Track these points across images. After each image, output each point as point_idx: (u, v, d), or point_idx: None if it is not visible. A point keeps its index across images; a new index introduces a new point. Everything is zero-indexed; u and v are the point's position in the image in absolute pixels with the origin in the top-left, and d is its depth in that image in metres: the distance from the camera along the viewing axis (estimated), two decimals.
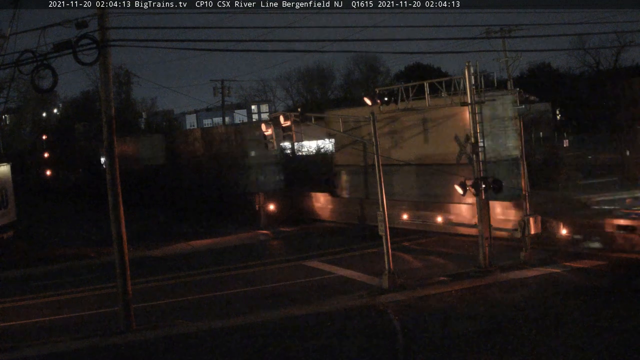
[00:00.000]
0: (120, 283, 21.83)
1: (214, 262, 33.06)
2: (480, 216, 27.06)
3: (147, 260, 35.02)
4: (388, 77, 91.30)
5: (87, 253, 37.53)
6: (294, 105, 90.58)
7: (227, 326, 21.62)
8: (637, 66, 72.27)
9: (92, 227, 45.56)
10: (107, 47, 21.04)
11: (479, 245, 26.73)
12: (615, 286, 23.01)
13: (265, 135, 27.55)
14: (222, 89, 74.09)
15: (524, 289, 23.37)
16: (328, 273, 28.66)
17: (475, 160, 27.04)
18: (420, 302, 22.90)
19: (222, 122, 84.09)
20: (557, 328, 18.78)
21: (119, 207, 21.78)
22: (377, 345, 18.84)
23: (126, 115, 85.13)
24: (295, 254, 33.74)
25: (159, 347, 20.21)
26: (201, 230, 43.43)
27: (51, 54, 20.06)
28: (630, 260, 26.17)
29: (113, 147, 21.80)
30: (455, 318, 20.70)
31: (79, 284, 29.97)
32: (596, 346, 17.11)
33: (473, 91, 27.23)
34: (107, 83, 21.77)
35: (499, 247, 28.62)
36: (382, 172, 25.57)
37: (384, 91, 29.70)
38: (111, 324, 22.28)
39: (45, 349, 20.45)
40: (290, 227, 42.17)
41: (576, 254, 27.64)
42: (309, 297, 24.68)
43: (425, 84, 29.91)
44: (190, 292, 27.16)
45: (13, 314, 25.35)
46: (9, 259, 36.66)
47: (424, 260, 29.79)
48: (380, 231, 25.21)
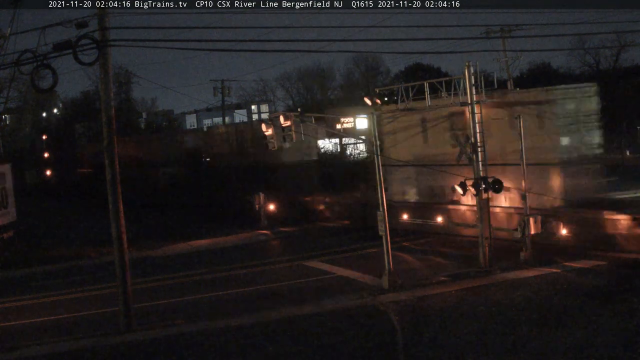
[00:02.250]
0: (120, 283, 21.84)
1: (214, 262, 33.07)
2: (480, 216, 27.07)
3: (147, 260, 35.02)
4: (388, 77, 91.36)
5: (87, 253, 37.55)
6: (294, 105, 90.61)
7: (227, 326, 21.62)
8: (637, 66, 72.27)
9: (92, 227, 45.59)
10: (107, 47, 21.04)
11: (479, 245, 26.75)
12: (615, 286, 23.03)
13: (265, 135, 27.58)
14: (222, 89, 74.20)
15: (524, 289, 23.36)
16: (328, 273, 28.66)
17: (475, 160, 27.05)
18: (420, 302, 22.90)
19: (222, 122, 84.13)
20: (557, 328, 18.78)
21: (119, 207, 21.78)
22: (377, 345, 18.85)
23: (126, 115, 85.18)
24: (295, 254, 33.74)
25: (159, 347, 20.21)
26: (201, 230, 43.42)
27: (51, 54, 20.08)
28: (630, 260, 26.18)
29: (113, 147, 21.80)
30: (455, 318, 20.69)
31: (79, 284, 29.98)
32: (596, 346, 17.11)
33: (473, 91, 27.26)
34: (107, 83, 21.77)
35: (499, 247, 28.70)
36: (382, 172, 25.57)
37: (384, 91, 29.70)
38: (111, 324, 22.28)
39: (45, 349, 20.47)
40: (290, 227, 42.16)
41: (576, 254, 27.65)
42: (309, 297, 24.68)
43: (425, 84, 29.89)
44: (190, 292, 27.16)
45: (13, 314, 25.36)
46: (9, 259, 36.68)
47: (424, 260, 29.78)
48: (380, 231, 25.21)
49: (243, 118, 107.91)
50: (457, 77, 28.98)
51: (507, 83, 48.29)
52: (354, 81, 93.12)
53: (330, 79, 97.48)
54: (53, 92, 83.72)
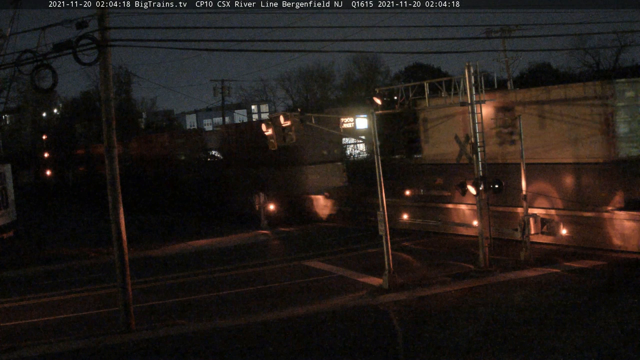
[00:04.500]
0: (120, 283, 21.82)
1: (214, 262, 33.07)
2: (480, 216, 27.07)
3: (147, 260, 35.03)
4: (388, 77, 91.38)
5: (87, 253, 37.55)
6: (294, 105, 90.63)
7: (227, 326, 21.62)
8: (637, 66, 72.31)
9: (92, 227, 45.60)
10: (107, 47, 21.03)
11: (479, 245, 26.75)
12: (615, 286, 23.03)
13: (265, 135, 27.55)
14: (222, 89, 74.20)
15: (524, 289, 23.36)
16: (328, 273, 28.66)
17: (475, 160, 27.06)
18: (420, 302, 22.90)
19: (222, 122, 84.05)
20: (557, 328, 18.76)
21: (119, 207, 21.78)
22: (377, 345, 18.84)
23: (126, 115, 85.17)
24: (295, 254, 33.75)
25: (159, 347, 20.19)
26: (201, 230, 43.42)
27: (51, 54, 20.09)
28: (630, 260, 26.18)
29: (113, 147, 21.79)
30: (455, 318, 20.68)
31: (79, 284, 29.98)
32: (596, 346, 17.11)
33: (473, 91, 27.25)
34: (107, 83, 21.75)
35: (499, 247, 28.70)
36: (381, 172, 25.55)
37: (383, 91, 29.69)
38: (111, 324, 22.27)
39: (45, 349, 20.45)
40: (290, 227, 42.17)
41: (576, 254, 27.65)
42: (309, 297, 24.68)
43: (425, 84, 29.88)
44: (190, 292, 27.15)
45: (13, 314, 25.35)
46: (9, 259, 36.69)
47: (424, 260, 29.77)
48: (380, 231, 25.21)
49: (243, 118, 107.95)
50: (457, 77, 28.97)
51: (507, 83, 48.32)
52: (354, 81, 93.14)
53: (330, 79, 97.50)
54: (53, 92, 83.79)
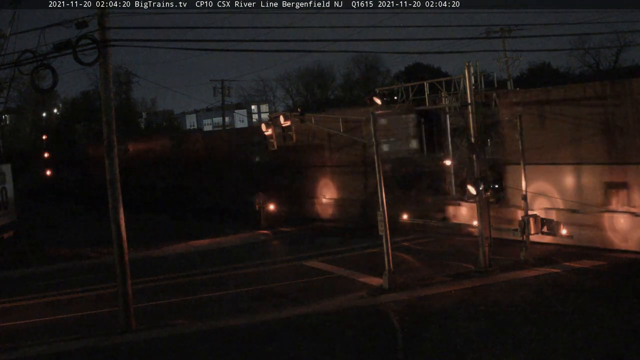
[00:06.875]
0: (120, 283, 21.82)
1: (214, 262, 33.04)
2: (480, 216, 27.06)
3: (147, 260, 35.01)
4: (388, 77, 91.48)
5: (87, 253, 37.52)
6: (294, 105, 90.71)
7: (227, 326, 21.62)
8: (637, 66, 72.33)
9: (92, 227, 45.56)
10: (107, 47, 21.03)
11: (479, 245, 26.74)
12: (615, 286, 23.02)
13: (265, 135, 27.60)
14: (222, 89, 74.26)
15: (524, 289, 23.36)
16: (328, 273, 28.65)
17: (475, 160, 27.04)
18: (420, 302, 22.90)
19: (222, 122, 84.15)
20: (557, 328, 18.77)
21: (119, 207, 21.77)
22: (377, 345, 18.85)
23: (126, 115, 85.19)
24: (295, 254, 33.73)
25: (159, 347, 20.21)
26: (201, 230, 43.39)
27: (51, 54, 20.10)
28: (630, 260, 26.18)
29: (113, 147, 21.79)
30: (455, 318, 20.68)
31: (79, 284, 29.95)
32: (596, 346, 17.11)
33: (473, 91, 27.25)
34: (107, 83, 21.75)
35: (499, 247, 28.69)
36: (382, 172, 25.56)
37: (383, 91, 29.73)
38: (111, 324, 22.25)
39: (45, 349, 20.45)
40: (290, 227, 42.15)
41: (576, 253, 27.65)
42: (309, 297, 24.67)
43: (425, 84, 29.92)
44: (190, 292, 27.14)
45: (13, 314, 25.35)
46: (9, 259, 36.66)
47: (424, 260, 29.77)
48: (380, 231, 25.20)
49: (243, 118, 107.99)
50: (457, 77, 29.00)
51: (507, 83, 48.34)
52: (354, 81, 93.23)
53: (330, 79, 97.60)
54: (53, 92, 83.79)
